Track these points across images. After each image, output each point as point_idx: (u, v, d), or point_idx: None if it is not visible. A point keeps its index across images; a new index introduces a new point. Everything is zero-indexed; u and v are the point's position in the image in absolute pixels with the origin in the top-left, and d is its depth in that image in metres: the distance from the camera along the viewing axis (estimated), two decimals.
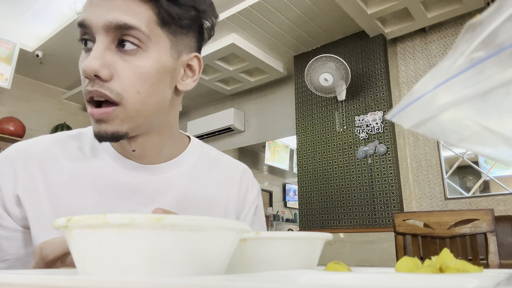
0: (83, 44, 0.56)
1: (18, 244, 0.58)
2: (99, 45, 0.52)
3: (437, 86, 0.17)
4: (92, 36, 0.54)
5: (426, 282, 0.21)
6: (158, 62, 0.55)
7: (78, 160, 0.62)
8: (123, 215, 0.20)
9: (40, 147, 0.63)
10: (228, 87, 4.23)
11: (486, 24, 0.16)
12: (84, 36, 0.55)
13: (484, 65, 0.15)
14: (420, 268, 0.27)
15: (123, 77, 0.53)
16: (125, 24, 0.52)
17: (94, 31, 0.53)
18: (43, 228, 0.57)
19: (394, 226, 1.85)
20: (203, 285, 0.17)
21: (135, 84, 0.53)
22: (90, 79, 0.52)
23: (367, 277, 0.23)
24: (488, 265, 1.59)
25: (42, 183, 0.59)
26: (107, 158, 0.62)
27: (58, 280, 0.19)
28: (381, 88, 3.18)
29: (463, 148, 0.18)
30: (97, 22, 0.53)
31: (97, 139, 0.55)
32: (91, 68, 0.50)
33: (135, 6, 0.54)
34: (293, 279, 0.24)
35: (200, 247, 0.22)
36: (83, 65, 0.51)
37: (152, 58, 0.55)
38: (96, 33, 0.53)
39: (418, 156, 3.12)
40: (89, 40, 0.55)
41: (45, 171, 0.60)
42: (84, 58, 0.55)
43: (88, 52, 0.55)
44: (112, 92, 0.52)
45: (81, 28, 0.54)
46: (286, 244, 0.32)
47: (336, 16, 3.14)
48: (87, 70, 0.51)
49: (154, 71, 0.55)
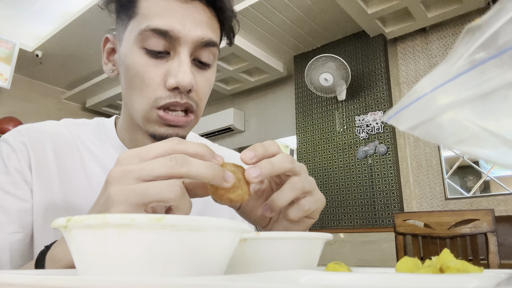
0: (153, 50, 0.54)
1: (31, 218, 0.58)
2: (187, 59, 0.54)
3: (435, 88, 0.17)
4: (172, 45, 0.54)
5: (426, 282, 0.21)
6: (214, 75, 0.62)
7: (86, 148, 0.63)
8: (122, 215, 0.20)
9: (51, 129, 0.64)
10: (228, 87, 4.23)
11: (485, 28, 0.16)
12: (157, 43, 0.53)
13: (485, 66, 0.15)
14: (420, 268, 0.27)
15: (200, 90, 0.57)
16: (212, 42, 0.56)
17: (180, 42, 0.53)
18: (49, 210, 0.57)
19: (394, 226, 1.85)
20: (203, 285, 0.17)
21: (206, 96, 0.59)
22: (179, 92, 0.54)
23: (367, 277, 0.23)
24: (488, 265, 1.59)
25: (55, 165, 0.60)
26: (112, 151, 0.63)
27: (58, 280, 0.19)
28: (381, 88, 3.18)
29: (459, 150, 0.18)
30: (187, 35, 0.53)
31: (160, 139, 0.56)
32: (191, 83, 0.53)
33: (214, 22, 0.57)
34: (293, 279, 0.24)
35: (200, 247, 0.22)
36: (182, 79, 0.52)
37: (214, 71, 0.61)
38: (182, 45, 0.53)
39: (418, 156, 3.12)
40: (166, 48, 0.54)
41: (58, 153, 0.61)
42: (152, 65, 0.54)
43: (156, 59, 0.54)
44: (194, 102, 0.56)
45: (161, 35, 0.53)
46: (286, 244, 0.32)
47: (336, 16, 3.14)
48: (187, 85, 0.53)
49: (212, 84, 0.61)
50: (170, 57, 0.55)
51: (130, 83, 0.56)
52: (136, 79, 0.55)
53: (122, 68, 0.58)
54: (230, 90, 4.29)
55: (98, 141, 0.64)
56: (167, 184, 0.35)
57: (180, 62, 0.53)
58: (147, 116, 0.55)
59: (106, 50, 0.63)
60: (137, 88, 0.55)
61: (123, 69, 0.58)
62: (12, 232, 0.55)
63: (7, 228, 0.55)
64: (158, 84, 0.54)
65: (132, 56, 0.55)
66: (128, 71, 0.56)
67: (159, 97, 0.54)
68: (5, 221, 0.55)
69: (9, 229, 0.55)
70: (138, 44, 0.54)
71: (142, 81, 0.54)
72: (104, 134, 0.65)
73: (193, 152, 0.38)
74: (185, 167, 0.35)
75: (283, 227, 0.47)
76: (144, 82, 0.54)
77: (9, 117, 4.00)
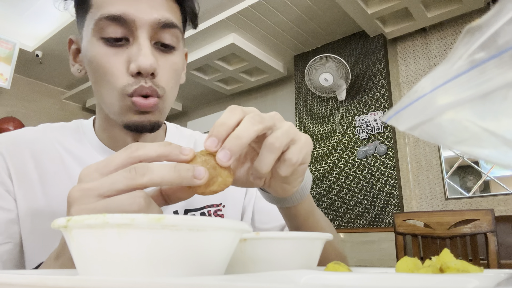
0: (111, 38, 0.53)
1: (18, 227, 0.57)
2: (146, 42, 0.53)
3: (435, 88, 0.17)
4: (129, 31, 0.53)
5: (426, 282, 0.21)
6: (182, 58, 0.60)
7: (66, 150, 0.62)
8: (123, 215, 0.20)
9: (28, 135, 0.62)
10: (228, 87, 4.23)
11: (485, 28, 0.16)
12: (114, 30, 0.52)
13: (485, 66, 0.15)
14: (420, 268, 0.27)
15: (164, 73, 0.56)
16: (171, 23, 0.55)
17: (136, 26, 0.52)
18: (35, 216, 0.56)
19: (394, 226, 1.85)
20: (203, 285, 0.17)
21: (172, 80, 0.57)
22: (143, 76, 0.53)
23: (367, 277, 0.23)
24: (488, 265, 1.59)
25: (35, 171, 0.58)
26: (93, 151, 0.62)
27: (58, 280, 0.19)
28: (381, 88, 3.18)
29: (459, 150, 0.18)
30: (142, 18, 0.52)
31: (134, 130, 0.56)
32: (152, 66, 0.52)
33: (172, 4, 0.56)
34: (293, 279, 0.24)
35: (200, 247, 0.22)
36: (142, 62, 0.51)
37: (180, 55, 0.59)
38: (139, 28, 0.52)
39: (418, 156, 3.12)
40: (124, 35, 0.53)
41: (38, 158, 0.60)
42: (112, 53, 0.53)
43: (115, 47, 0.53)
44: (159, 87, 0.55)
45: (116, 21, 0.52)
46: (286, 244, 0.32)
47: (336, 16, 3.14)
48: (148, 68, 0.52)
49: (181, 68, 0.59)
50: (129, 44, 0.54)
51: (95, 76, 0.55)
52: (99, 71, 0.54)
53: (87, 65, 0.57)
54: (230, 90, 4.29)
55: (78, 143, 0.63)
56: (128, 197, 0.33)
57: (139, 46, 0.52)
58: (121, 105, 0.54)
59: (72, 52, 0.63)
60: (102, 80, 0.54)
61: (87, 65, 0.57)
62: (3, 243, 0.54)
63: None
64: (122, 72, 0.53)
65: (92, 49, 0.54)
66: (91, 65, 0.55)
67: (126, 84, 0.53)
68: None
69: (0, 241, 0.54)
70: (96, 36, 0.54)
71: (105, 72, 0.53)
72: (84, 135, 0.64)
73: (155, 155, 0.36)
74: (146, 176, 0.33)
75: (280, 181, 0.44)
76: (108, 72, 0.53)
77: (9, 117, 4.00)
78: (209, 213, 0.66)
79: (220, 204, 0.68)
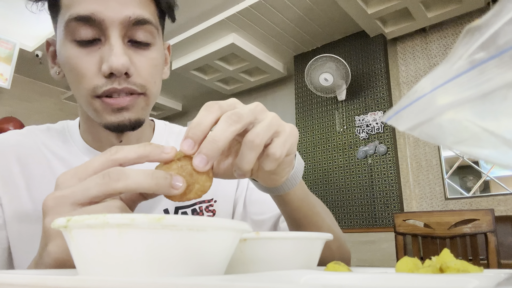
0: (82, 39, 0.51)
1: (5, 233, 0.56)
2: (119, 41, 0.51)
3: (435, 88, 0.17)
4: (100, 31, 0.51)
5: (426, 282, 0.21)
6: (161, 53, 0.58)
7: (51, 153, 0.61)
8: (123, 215, 0.20)
9: (13, 139, 0.61)
10: (228, 87, 4.23)
11: (485, 28, 0.16)
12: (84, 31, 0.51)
13: (485, 66, 0.15)
14: (420, 268, 0.27)
15: (142, 70, 0.54)
16: (143, 19, 0.52)
17: (106, 25, 0.50)
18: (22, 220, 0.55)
19: (394, 226, 1.85)
20: (203, 285, 0.17)
21: (153, 75, 0.56)
22: (116, 77, 0.51)
23: (367, 277, 0.23)
24: (488, 265, 1.59)
25: (21, 175, 0.57)
26: (79, 153, 0.61)
27: (58, 280, 0.19)
28: (381, 88, 3.18)
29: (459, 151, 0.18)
30: (112, 16, 0.50)
31: (115, 130, 0.54)
32: (125, 66, 0.50)
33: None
34: (293, 279, 0.24)
35: (200, 247, 0.22)
36: (113, 62, 0.49)
37: (159, 50, 0.57)
38: (109, 27, 0.51)
39: (418, 156, 3.12)
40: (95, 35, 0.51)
41: (23, 162, 0.58)
42: (84, 54, 0.52)
43: (87, 48, 0.52)
44: (137, 86, 0.53)
45: (85, 22, 0.50)
46: (286, 244, 0.32)
47: (336, 16, 3.14)
48: (120, 68, 0.50)
49: (160, 63, 0.58)
50: (101, 43, 0.52)
51: (70, 78, 0.54)
52: (72, 72, 0.53)
53: (62, 67, 0.56)
54: (230, 90, 4.29)
55: (64, 144, 0.62)
56: (103, 208, 0.32)
57: (110, 46, 0.50)
58: (93, 107, 0.53)
59: (50, 54, 0.61)
60: (76, 82, 0.53)
61: (63, 67, 0.56)
62: None
63: None
64: (94, 73, 0.52)
65: (65, 51, 0.53)
66: (65, 67, 0.54)
67: (96, 85, 0.51)
68: None
69: None
70: (68, 38, 0.52)
71: (77, 73, 0.52)
72: (69, 136, 0.63)
73: (134, 157, 0.35)
74: (121, 181, 0.32)
75: (267, 173, 0.42)
76: (80, 74, 0.52)
77: (9, 117, 4.00)
78: (200, 209, 0.65)
79: (212, 200, 0.66)
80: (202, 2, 3.01)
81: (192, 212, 0.64)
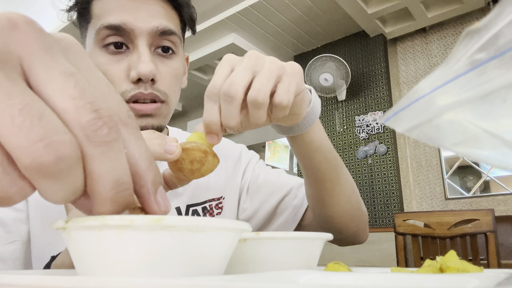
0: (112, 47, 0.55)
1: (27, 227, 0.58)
2: (146, 50, 0.55)
3: (435, 89, 0.17)
4: (129, 39, 0.55)
5: (426, 282, 0.21)
6: (182, 63, 0.62)
7: None
8: (121, 216, 0.20)
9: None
10: None
11: (484, 31, 0.16)
12: (114, 39, 0.55)
13: (485, 67, 0.15)
14: (420, 268, 0.27)
15: (165, 78, 0.57)
16: (169, 30, 0.57)
17: (135, 35, 0.54)
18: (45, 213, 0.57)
19: (394, 226, 1.85)
20: (203, 285, 0.17)
21: (174, 84, 0.59)
22: (143, 82, 0.55)
23: (367, 277, 0.23)
24: (488, 265, 1.59)
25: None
26: None
27: (58, 280, 0.19)
28: (381, 88, 3.18)
29: (457, 152, 0.18)
30: (141, 27, 0.54)
31: None
32: (152, 72, 0.54)
33: (169, 11, 0.59)
34: (293, 279, 0.24)
35: (200, 247, 0.22)
36: (142, 69, 0.53)
37: (180, 60, 0.61)
38: (138, 37, 0.55)
39: (418, 156, 3.12)
40: (123, 44, 0.55)
41: None
42: (114, 61, 0.55)
43: (117, 55, 0.56)
44: (160, 92, 0.57)
45: (115, 31, 0.54)
46: (286, 244, 0.32)
47: (336, 16, 3.14)
48: (148, 75, 0.53)
49: (181, 72, 0.62)
50: (130, 51, 0.56)
51: None
52: None
53: None
54: None
55: None
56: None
57: (139, 54, 0.54)
58: None
59: None
60: None
61: None
62: (11, 242, 0.55)
63: (7, 239, 0.55)
64: (122, 79, 0.55)
65: (95, 58, 0.56)
66: None
67: (124, 90, 0.55)
68: (2, 232, 0.55)
69: (8, 239, 0.55)
70: (98, 45, 0.56)
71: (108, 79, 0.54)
72: None
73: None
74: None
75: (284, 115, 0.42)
76: (109, 80, 0.54)
77: None
78: (210, 207, 0.67)
79: (221, 197, 0.68)
80: (202, 2, 3.01)
81: (202, 210, 0.66)
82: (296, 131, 0.49)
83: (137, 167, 0.21)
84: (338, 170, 0.56)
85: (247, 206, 0.70)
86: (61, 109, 0.18)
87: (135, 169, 0.21)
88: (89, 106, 0.18)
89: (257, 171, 0.73)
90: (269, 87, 0.37)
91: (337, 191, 0.56)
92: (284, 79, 0.39)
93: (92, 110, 0.18)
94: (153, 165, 0.22)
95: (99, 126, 0.18)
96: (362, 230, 0.64)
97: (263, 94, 0.37)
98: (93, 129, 0.18)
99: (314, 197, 0.58)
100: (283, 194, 0.68)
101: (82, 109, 0.18)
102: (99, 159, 0.18)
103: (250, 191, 0.71)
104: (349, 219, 0.59)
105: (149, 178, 0.21)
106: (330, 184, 0.55)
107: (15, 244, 0.56)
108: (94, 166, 0.19)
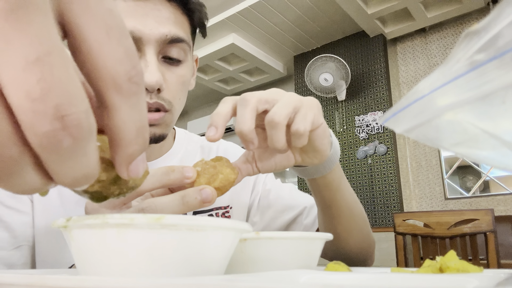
0: None
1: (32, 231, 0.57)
2: (154, 58, 0.53)
3: (434, 90, 0.17)
4: (136, 47, 0.53)
5: (426, 282, 0.21)
6: (190, 69, 0.61)
7: None
8: (122, 215, 0.20)
9: None
10: (228, 87, 4.23)
11: (483, 32, 0.16)
12: None
13: (485, 68, 0.15)
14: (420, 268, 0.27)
15: (171, 87, 0.56)
16: (178, 38, 0.55)
17: (143, 42, 0.53)
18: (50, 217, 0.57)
19: (394, 226, 1.85)
20: (203, 285, 0.17)
21: (180, 92, 0.58)
22: (149, 92, 0.53)
23: (367, 277, 0.23)
24: (488, 265, 1.59)
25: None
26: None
27: (58, 280, 0.19)
28: (381, 88, 3.18)
29: (456, 152, 0.18)
30: (149, 34, 0.52)
31: None
32: (158, 82, 0.52)
33: (179, 16, 0.57)
34: (293, 279, 0.24)
35: (200, 247, 0.22)
36: (148, 79, 0.51)
37: (189, 66, 0.59)
38: (146, 45, 0.53)
39: (418, 156, 3.12)
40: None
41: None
42: None
43: None
44: (165, 101, 0.55)
45: None
46: (286, 244, 0.32)
47: (336, 16, 3.14)
48: (154, 85, 0.52)
49: (188, 79, 0.60)
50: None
51: None
52: None
53: None
54: (230, 90, 4.29)
55: None
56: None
57: (146, 63, 0.53)
58: None
59: None
60: None
61: None
62: (18, 246, 0.55)
63: (13, 244, 0.55)
64: None
65: None
66: None
67: None
68: (9, 236, 0.55)
69: (15, 244, 0.55)
70: None
71: None
72: None
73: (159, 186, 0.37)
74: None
75: (310, 152, 0.45)
76: None
77: None
78: (217, 215, 0.67)
79: (228, 206, 0.68)
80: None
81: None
82: (320, 172, 0.49)
83: (117, 140, 0.18)
84: (354, 205, 0.56)
85: (257, 220, 0.70)
86: (16, 106, 0.14)
87: (115, 141, 0.18)
88: (51, 112, 0.14)
89: (268, 185, 0.72)
90: (285, 112, 0.39)
91: (352, 225, 0.57)
92: (301, 110, 0.40)
93: (54, 118, 0.14)
94: (138, 137, 0.18)
95: (59, 139, 0.15)
96: (369, 256, 0.65)
97: (279, 115, 0.38)
98: (50, 142, 0.14)
99: (326, 229, 0.58)
100: (295, 214, 0.67)
101: (40, 115, 0.14)
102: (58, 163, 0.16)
103: (260, 206, 0.71)
104: (360, 247, 0.61)
105: (127, 152, 0.18)
106: (345, 220, 0.56)
107: (22, 249, 0.55)
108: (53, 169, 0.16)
